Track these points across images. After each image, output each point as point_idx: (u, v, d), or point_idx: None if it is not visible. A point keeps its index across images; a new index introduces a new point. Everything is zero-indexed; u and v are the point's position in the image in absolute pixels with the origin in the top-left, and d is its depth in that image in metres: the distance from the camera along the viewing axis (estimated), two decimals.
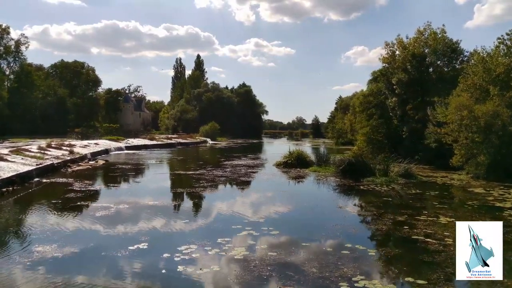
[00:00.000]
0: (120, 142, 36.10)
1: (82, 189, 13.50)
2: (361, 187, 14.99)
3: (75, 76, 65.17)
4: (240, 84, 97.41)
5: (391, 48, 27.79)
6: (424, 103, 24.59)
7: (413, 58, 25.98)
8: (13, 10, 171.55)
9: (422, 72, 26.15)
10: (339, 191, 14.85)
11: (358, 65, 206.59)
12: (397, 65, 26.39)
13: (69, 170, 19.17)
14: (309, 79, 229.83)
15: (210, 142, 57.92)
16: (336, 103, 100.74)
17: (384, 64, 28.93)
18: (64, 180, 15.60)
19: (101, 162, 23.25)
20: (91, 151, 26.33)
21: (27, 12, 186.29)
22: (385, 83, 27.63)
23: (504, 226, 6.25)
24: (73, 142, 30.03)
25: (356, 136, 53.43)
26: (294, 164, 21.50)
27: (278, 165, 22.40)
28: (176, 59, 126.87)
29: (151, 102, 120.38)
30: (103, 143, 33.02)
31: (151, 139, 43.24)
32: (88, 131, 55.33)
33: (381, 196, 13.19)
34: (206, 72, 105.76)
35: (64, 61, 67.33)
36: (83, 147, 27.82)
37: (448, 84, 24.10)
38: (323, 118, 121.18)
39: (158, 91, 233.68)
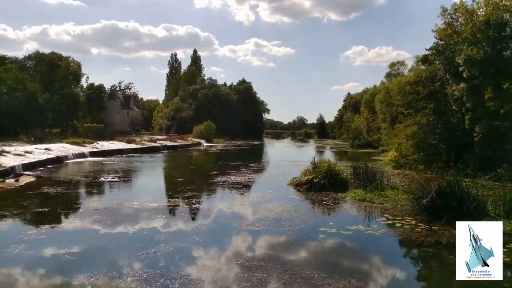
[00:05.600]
0: (85, 147, 28.07)
1: None
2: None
3: (51, 70, 56.69)
4: (239, 80, 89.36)
5: (451, 16, 19.91)
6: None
7: (487, 28, 18.11)
8: (12, 10, 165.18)
9: (500, 48, 18.29)
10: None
11: (357, 64, 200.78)
12: (465, 37, 18.44)
13: None
14: (308, 78, 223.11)
15: (205, 144, 49.86)
16: (344, 101, 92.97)
17: (437, 41, 21.10)
18: None
19: (27, 179, 15.29)
20: (27, 162, 18.40)
21: (26, 12, 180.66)
22: (443, 65, 19.65)
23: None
24: (8, 148, 21.98)
25: (374, 137, 45.78)
26: (323, 185, 13.63)
27: (297, 184, 14.53)
28: (171, 54, 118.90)
29: (144, 100, 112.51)
30: (59, 149, 25.01)
31: (129, 142, 35.00)
32: (67, 132, 48.11)
33: None
34: (203, 68, 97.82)
35: (40, 52, 59.02)
36: (19, 155, 19.83)
37: None
38: (325, 117, 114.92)
39: (158, 91, 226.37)
